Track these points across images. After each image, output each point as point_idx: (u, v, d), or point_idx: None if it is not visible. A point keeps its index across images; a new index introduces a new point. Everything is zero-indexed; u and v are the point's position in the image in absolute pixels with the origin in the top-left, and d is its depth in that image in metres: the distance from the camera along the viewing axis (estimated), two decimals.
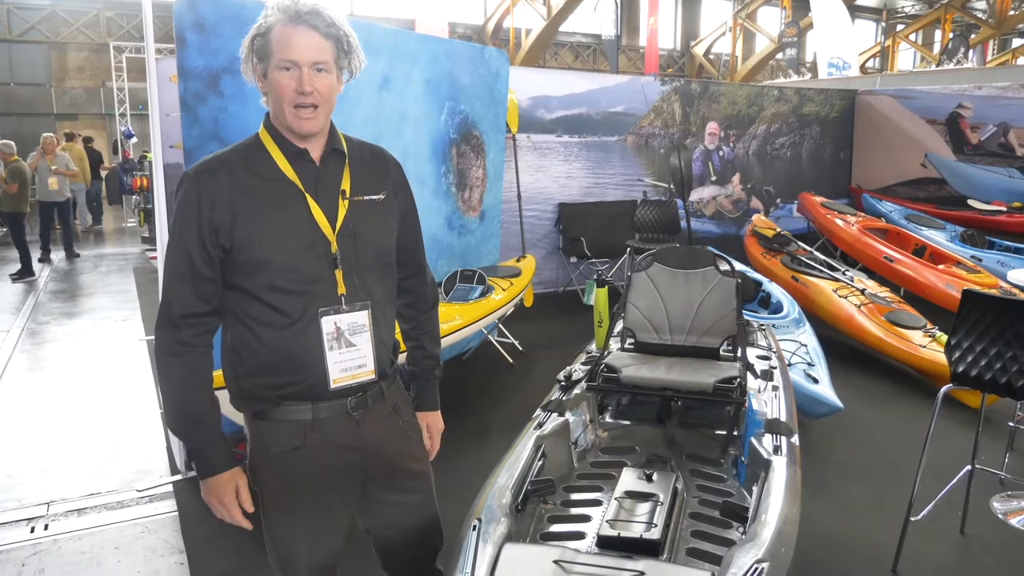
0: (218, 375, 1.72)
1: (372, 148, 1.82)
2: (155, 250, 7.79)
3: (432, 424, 1.97)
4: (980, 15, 24.08)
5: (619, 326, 3.47)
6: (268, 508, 1.72)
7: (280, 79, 1.58)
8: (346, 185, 1.69)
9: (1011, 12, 21.84)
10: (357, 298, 1.67)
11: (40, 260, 9.84)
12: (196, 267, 1.58)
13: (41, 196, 9.97)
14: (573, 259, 7.66)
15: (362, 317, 1.68)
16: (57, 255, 10.47)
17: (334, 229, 1.64)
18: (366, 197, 1.71)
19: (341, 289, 1.65)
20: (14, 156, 9.13)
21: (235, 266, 1.59)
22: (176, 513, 3.41)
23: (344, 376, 1.67)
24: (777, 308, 5.55)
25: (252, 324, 1.63)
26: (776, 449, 2.42)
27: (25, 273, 8.99)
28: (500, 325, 5.64)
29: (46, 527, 3.32)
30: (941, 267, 6.59)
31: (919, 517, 3.00)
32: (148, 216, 11.10)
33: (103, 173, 14.46)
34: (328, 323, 1.64)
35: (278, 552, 1.75)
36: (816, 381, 4.15)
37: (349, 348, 1.67)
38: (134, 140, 14.58)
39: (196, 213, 1.57)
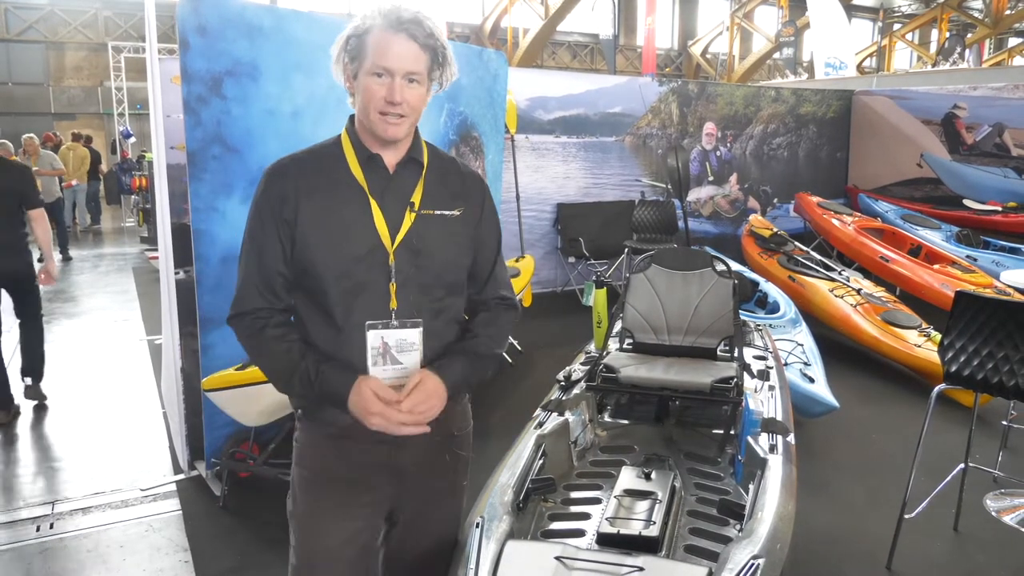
0: (218, 377, 1.75)
1: (457, 163, 1.75)
2: (155, 250, 7.82)
3: (427, 383, 1.56)
4: (976, 14, 24.14)
5: (618, 327, 3.52)
6: (300, 515, 1.69)
7: (371, 84, 1.54)
8: (416, 197, 1.62)
9: (1007, 11, 21.90)
10: (410, 315, 1.60)
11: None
12: (268, 263, 1.58)
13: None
14: (571, 259, 7.70)
15: (413, 335, 1.60)
16: (57, 255, 10.49)
17: (393, 240, 1.58)
18: (437, 212, 1.63)
19: (392, 303, 1.59)
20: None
21: (294, 265, 1.59)
22: (180, 512, 3.45)
23: None
24: (774, 308, 5.60)
25: (310, 325, 1.62)
26: (772, 448, 2.46)
27: None
28: None
29: (52, 526, 3.35)
30: (936, 267, 6.64)
31: (913, 514, 3.04)
32: (147, 216, 11.11)
33: (100, 175, 14.47)
34: (374, 337, 1.58)
35: (306, 545, 1.67)
36: (812, 380, 4.20)
37: (395, 365, 1.60)
38: (132, 140, 14.60)
39: (269, 210, 1.57)
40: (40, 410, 4.77)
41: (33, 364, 4.83)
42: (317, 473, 1.68)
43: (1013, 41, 27.14)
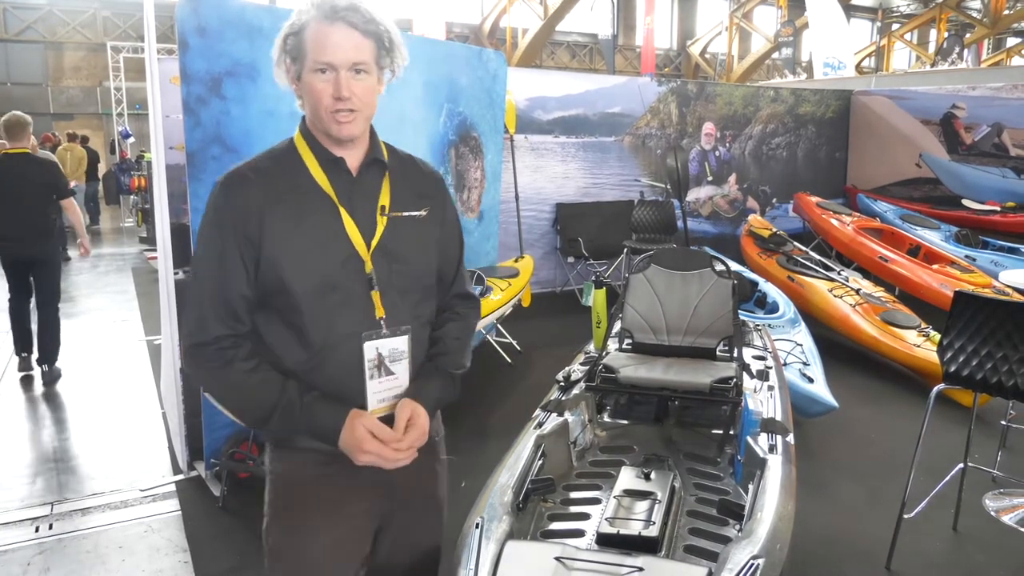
0: None
1: (417, 161, 1.68)
2: (154, 250, 7.81)
3: (410, 411, 1.53)
4: (975, 14, 24.16)
5: (617, 327, 3.52)
6: (279, 534, 1.57)
7: (315, 83, 1.43)
8: (385, 199, 1.54)
9: (1006, 11, 21.92)
10: (398, 322, 1.53)
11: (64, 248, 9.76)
12: (230, 285, 1.44)
13: None
14: (570, 259, 7.70)
15: (402, 343, 1.54)
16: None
17: (369, 247, 1.49)
18: (406, 213, 1.56)
19: (379, 312, 1.50)
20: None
21: (260, 283, 1.46)
22: (179, 512, 3.45)
23: (381, 407, 1.53)
24: (773, 308, 5.60)
25: (278, 346, 1.49)
26: (772, 448, 2.46)
27: None
28: (498, 325, 5.68)
29: (51, 527, 3.35)
30: (935, 267, 6.64)
31: (912, 514, 3.05)
32: (146, 216, 11.11)
33: (97, 175, 14.47)
34: (370, 349, 1.49)
35: (295, 568, 1.57)
36: (811, 380, 4.20)
37: (388, 377, 1.53)
38: (131, 140, 14.59)
39: (230, 225, 1.43)
40: (40, 411, 4.76)
41: (46, 349, 5.24)
42: (301, 502, 1.56)
43: (1012, 41, 27.17)
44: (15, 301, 5.33)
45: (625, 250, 7.35)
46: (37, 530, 3.32)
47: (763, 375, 3.18)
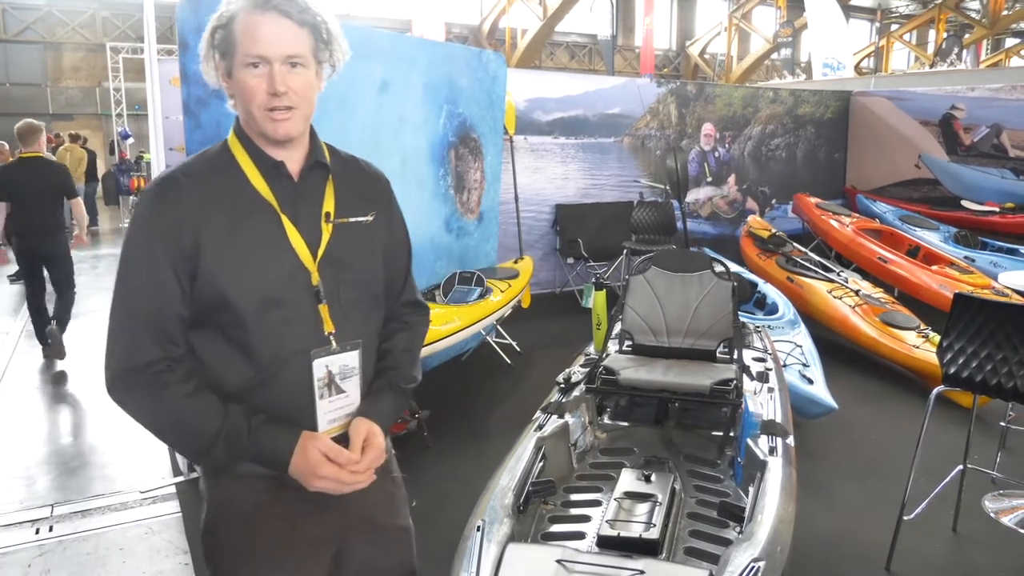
0: None
1: (360, 162, 1.57)
2: None
3: (365, 431, 1.44)
4: (974, 15, 24.19)
5: (617, 328, 3.52)
6: (225, 570, 1.45)
7: (247, 78, 1.32)
8: (330, 205, 1.44)
9: (1004, 12, 21.94)
10: (348, 336, 1.43)
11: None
12: (163, 304, 1.31)
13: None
14: (570, 260, 7.71)
15: (353, 359, 1.44)
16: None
17: (315, 257, 1.39)
18: (352, 219, 1.46)
19: (328, 327, 1.40)
20: (8, 158, 9.15)
21: (198, 299, 1.34)
22: (180, 514, 3.45)
23: (332, 427, 1.44)
24: (772, 309, 5.61)
25: (216, 370, 1.37)
26: (772, 450, 2.47)
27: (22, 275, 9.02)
28: (498, 326, 5.68)
29: (51, 528, 3.35)
30: (934, 268, 6.65)
31: (912, 516, 3.05)
32: None
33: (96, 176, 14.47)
34: (319, 367, 1.39)
35: None
36: (811, 382, 4.20)
37: (339, 395, 1.43)
38: (131, 141, 14.59)
39: (162, 238, 1.31)
40: (40, 412, 4.76)
41: (62, 314, 5.86)
42: (248, 534, 1.42)
43: (1011, 41, 27.20)
44: (30, 290, 5.84)
45: (625, 251, 7.35)
46: (37, 532, 3.32)
47: (763, 377, 3.18)
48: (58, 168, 5.96)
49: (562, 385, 3.11)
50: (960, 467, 3.24)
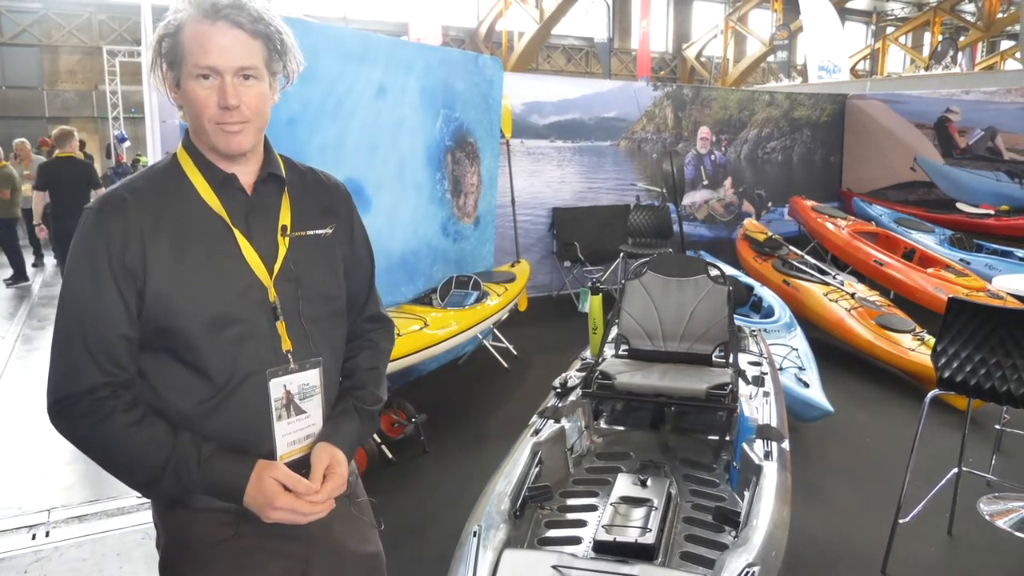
0: None
1: (317, 173, 1.51)
2: None
3: (325, 456, 1.37)
4: (969, 18, 24.29)
5: (613, 333, 3.53)
6: None
7: (197, 90, 1.26)
8: (286, 218, 1.38)
9: (999, 15, 22.04)
10: (307, 354, 1.37)
11: (34, 265, 9.85)
12: (107, 326, 1.24)
13: (23, 204, 10.04)
14: (567, 263, 7.72)
15: (313, 377, 1.38)
16: (50, 260, 10.46)
17: (271, 273, 1.34)
18: (309, 232, 1.41)
19: (287, 344, 1.34)
20: (2, 163, 9.18)
21: (146, 321, 1.27)
22: None
23: (293, 450, 1.37)
24: (768, 312, 5.62)
25: (166, 394, 1.30)
26: (767, 454, 2.48)
27: (19, 278, 9.03)
28: (495, 330, 5.69)
29: (47, 534, 3.34)
30: (930, 271, 6.67)
31: (908, 519, 3.06)
32: None
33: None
34: (277, 387, 1.33)
35: None
36: (807, 385, 4.22)
37: (299, 416, 1.37)
38: (127, 144, 14.58)
39: (106, 258, 1.24)
40: (36, 417, 4.75)
41: None
42: (207, 572, 1.36)
43: (1005, 44, 27.30)
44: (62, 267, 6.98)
45: (621, 254, 7.37)
46: (34, 537, 3.32)
47: (759, 381, 3.20)
48: (86, 165, 7.59)
49: (558, 390, 3.11)
50: (955, 470, 3.25)
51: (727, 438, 2.88)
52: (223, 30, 1.25)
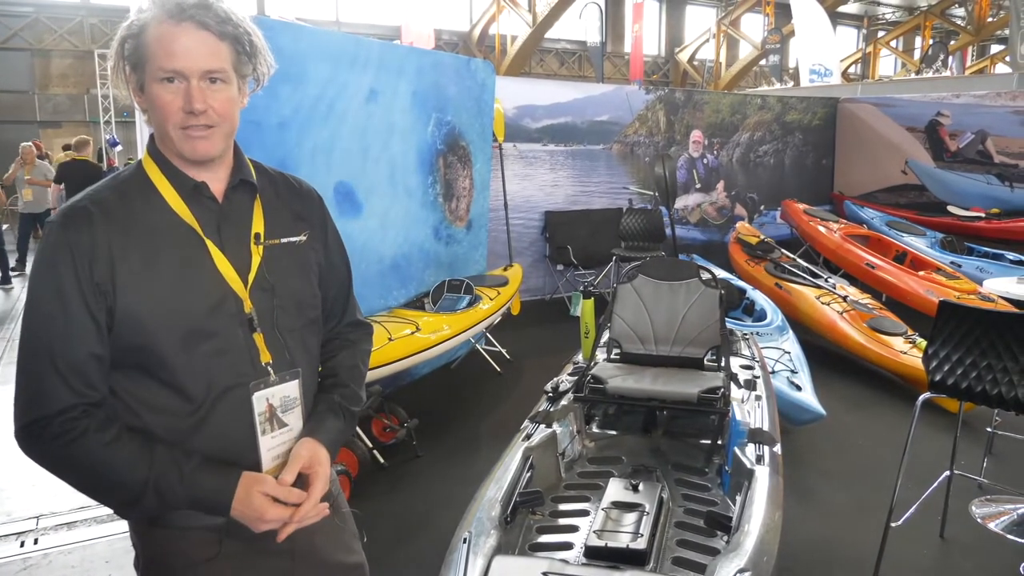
0: None
1: (290, 179, 1.47)
2: None
3: (308, 455, 1.33)
4: (959, 22, 24.43)
5: (605, 336, 3.53)
6: None
7: (162, 94, 1.21)
8: (259, 226, 1.34)
9: (989, 19, 22.19)
10: (286, 365, 1.33)
11: (13, 270, 9.77)
12: (76, 345, 1.19)
13: (21, 208, 10.03)
14: (559, 267, 7.72)
15: (293, 388, 1.34)
16: None
17: (246, 283, 1.29)
18: (283, 240, 1.36)
19: (265, 356, 1.30)
20: (35, 155, 9.33)
21: (117, 338, 1.22)
22: None
23: (276, 464, 1.33)
24: (761, 315, 5.63)
25: (142, 412, 1.25)
26: (759, 458, 2.48)
27: (3, 281, 9.06)
28: (487, 333, 5.68)
29: (36, 541, 3.32)
30: (922, 273, 6.69)
31: (900, 522, 3.06)
32: None
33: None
34: (260, 400, 1.29)
35: None
36: (799, 388, 4.22)
37: (282, 429, 1.33)
38: (119, 148, 14.53)
39: (72, 273, 1.18)
40: None
41: None
42: None
43: (995, 48, 27.49)
44: None
45: (614, 258, 7.36)
46: (22, 545, 3.29)
47: (750, 385, 3.19)
48: (98, 167, 9.64)
49: (550, 394, 3.10)
50: (947, 473, 3.26)
51: (719, 442, 2.88)
52: (189, 31, 1.20)
